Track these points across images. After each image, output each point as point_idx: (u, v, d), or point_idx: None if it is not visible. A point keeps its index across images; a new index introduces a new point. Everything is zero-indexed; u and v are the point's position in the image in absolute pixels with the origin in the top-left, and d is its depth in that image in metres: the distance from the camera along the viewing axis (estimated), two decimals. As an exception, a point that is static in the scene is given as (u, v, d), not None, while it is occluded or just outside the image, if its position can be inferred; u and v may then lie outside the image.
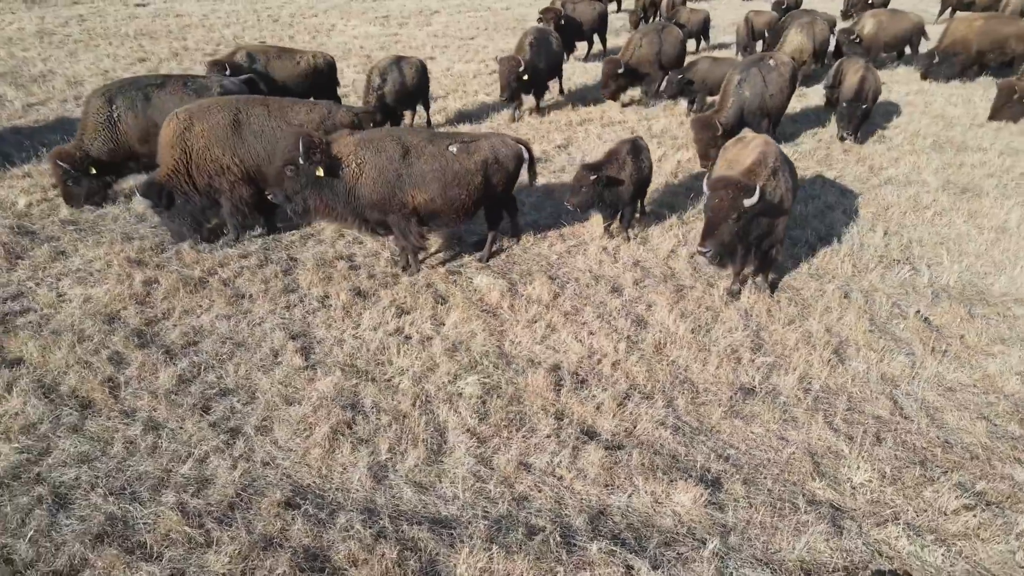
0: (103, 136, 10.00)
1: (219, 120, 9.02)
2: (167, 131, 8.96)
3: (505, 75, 14.02)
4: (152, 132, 9.97)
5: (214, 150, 8.98)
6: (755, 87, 12.28)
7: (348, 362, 7.14)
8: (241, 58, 13.01)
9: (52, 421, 6.24)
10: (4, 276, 8.55)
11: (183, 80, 10.53)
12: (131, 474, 5.73)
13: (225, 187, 9.11)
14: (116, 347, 7.26)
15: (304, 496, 5.54)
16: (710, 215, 7.06)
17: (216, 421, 6.34)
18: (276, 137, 9.20)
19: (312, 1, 33.92)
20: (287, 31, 25.89)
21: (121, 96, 10.05)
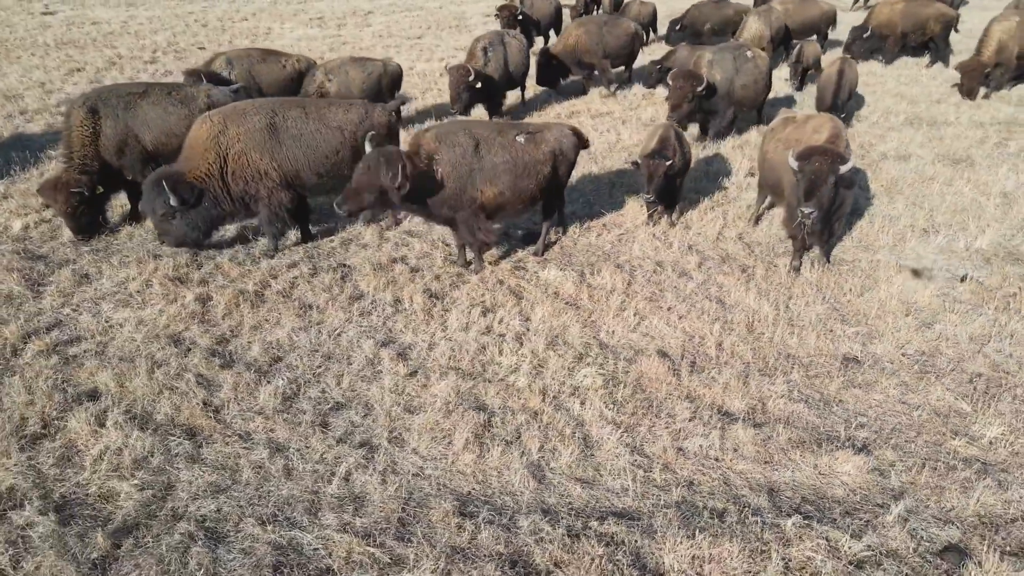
0: (91, 151, 9.20)
1: (255, 123, 8.54)
2: (199, 134, 8.42)
3: (454, 85, 12.92)
4: (130, 143, 9.35)
5: (251, 155, 8.49)
6: (726, 72, 12.39)
7: (452, 365, 6.90)
8: (220, 65, 12.27)
9: (163, 453, 5.74)
10: (32, 305, 7.81)
11: (168, 89, 9.85)
12: (276, 499, 5.34)
13: (263, 194, 8.62)
14: (198, 369, 6.76)
15: (472, 503, 5.31)
16: (811, 179, 7.23)
17: (341, 437, 5.99)
18: (316, 140, 8.79)
19: (237, 5, 32.64)
20: (222, 36, 24.79)
21: (103, 105, 9.29)
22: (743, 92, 12.58)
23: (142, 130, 9.41)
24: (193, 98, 9.88)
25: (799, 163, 7.36)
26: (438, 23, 28.00)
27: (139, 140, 9.42)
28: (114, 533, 4.95)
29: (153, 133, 9.48)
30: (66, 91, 16.84)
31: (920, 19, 19.73)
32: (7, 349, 6.99)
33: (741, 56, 12.59)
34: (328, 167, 8.89)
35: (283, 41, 23.87)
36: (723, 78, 12.33)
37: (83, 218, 9.12)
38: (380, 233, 9.62)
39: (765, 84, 13.01)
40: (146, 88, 9.72)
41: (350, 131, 8.96)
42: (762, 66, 12.78)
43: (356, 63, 13.12)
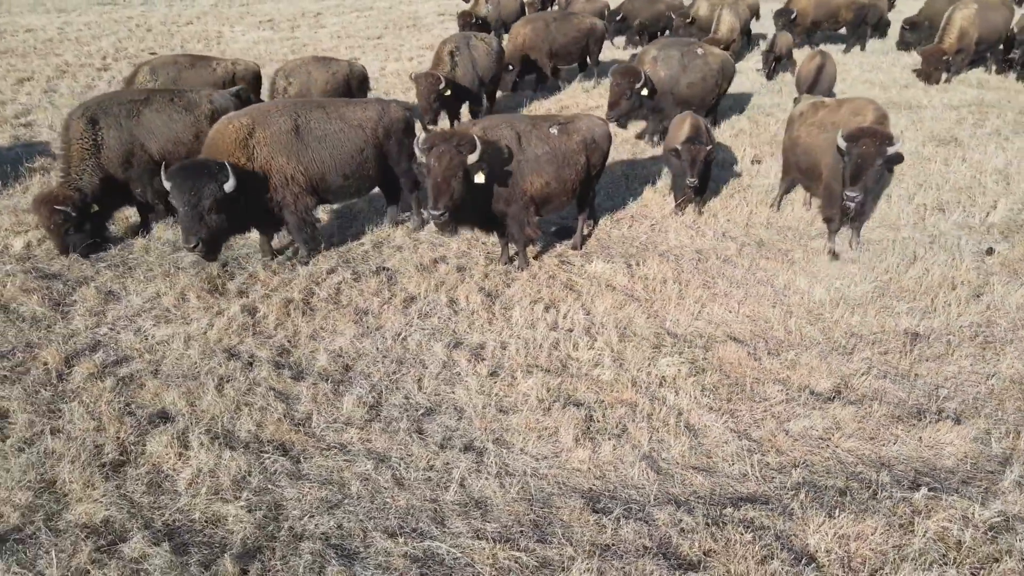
0: (90, 165, 8.64)
1: (281, 126, 8.21)
2: (224, 136, 8.01)
3: (424, 95, 12.48)
4: (136, 154, 8.87)
5: (279, 159, 8.15)
6: (671, 70, 11.90)
7: (531, 363, 6.78)
8: (144, 77, 11.23)
9: (261, 471, 5.45)
10: (63, 326, 7.31)
11: (170, 95, 9.36)
12: (396, 511, 5.13)
13: (289, 199, 8.27)
14: (269, 383, 6.45)
15: (599, 500, 5.22)
16: (858, 162, 7.36)
17: (442, 442, 5.81)
18: (340, 140, 8.51)
19: (177, 9, 31.47)
20: (171, 40, 23.88)
21: (104, 115, 8.75)
22: (690, 91, 12.00)
23: (148, 139, 8.95)
24: (197, 104, 9.44)
25: (847, 144, 7.49)
26: (394, 23, 27.62)
27: (145, 149, 8.95)
28: (239, 558, 4.66)
29: (159, 142, 9.02)
30: (20, 101, 15.92)
31: (832, 8, 20.55)
32: (51, 374, 6.52)
33: (690, 53, 12.02)
34: (353, 168, 8.62)
35: (237, 45, 23.15)
36: (668, 76, 11.80)
37: (70, 236, 8.49)
38: (409, 234, 9.38)
39: (715, 83, 12.35)
40: (147, 95, 9.23)
41: (371, 129, 8.72)
42: (712, 64, 12.19)
43: (319, 63, 12.58)
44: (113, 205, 9.19)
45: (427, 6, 32.23)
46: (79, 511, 5.04)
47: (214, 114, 9.37)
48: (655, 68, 11.84)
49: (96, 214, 8.75)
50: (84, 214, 8.51)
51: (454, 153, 7.02)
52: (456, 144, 7.09)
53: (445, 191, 7.07)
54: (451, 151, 7.03)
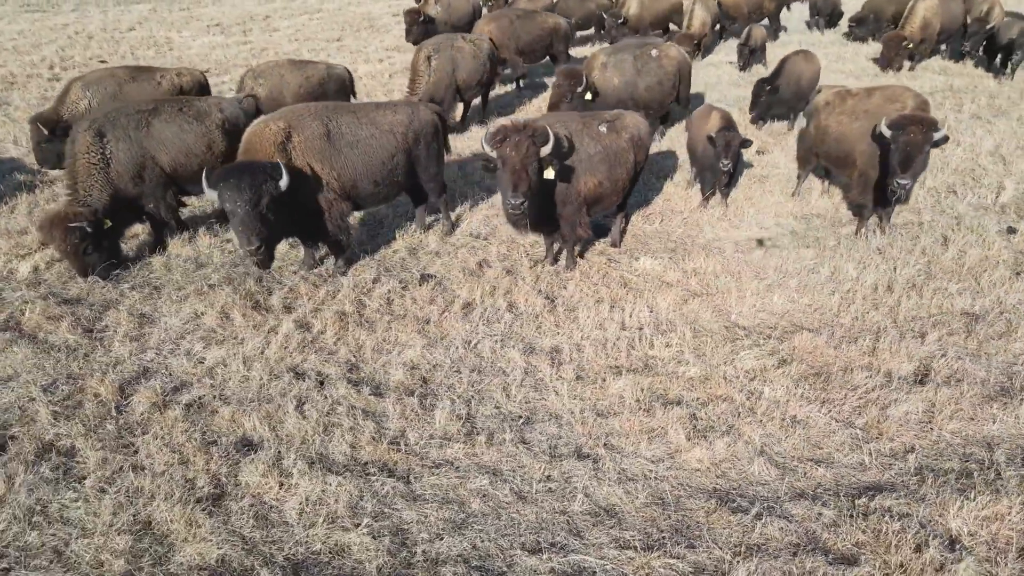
0: (99, 181, 8.09)
1: (315, 130, 7.85)
2: (263, 138, 7.58)
3: None
4: (148, 167, 8.35)
5: (315, 164, 7.80)
6: (624, 74, 11.32)
7: (612, 363, 6.66)
8: (76, 95, 10.03)
9: (372, 495, 5.16)
10: (103, 354, 6.81)
11: (178, 104, 8.83)
12: (527, 525, 4.93)
13: (324, 206, 7.92)
14: (349, 401, 6.14)
15: (729, 498, 5.13)
16: (907, 149, 7.46)
17: (551, 451, 5.63)
18: (371, 145, 8.17)
19: (113, 15, 30.02)
20: (118, 47, 22.76)
21: (112, 127, 8.19)
22: (648, 95, 11.43)
23: (159, 151, 8.41)
24: (207, 113, 8.91)
25: (894, 132, 7.58)
26: (350, 24, 27.02)
27: (156, 162, 8.42)
28: (383, 590, 4.39)
29: (171, 154, 8.48)
30: (-28, 115, 14.85)
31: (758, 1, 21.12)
32: (108, 406, 6.06)
33: (644, 56, 11.46)
34: (384, 174, 8.29)
35: (191, 51, 22.24)
36: (623, 82, 11.24)
37: (89, 256, 7.94)
38: (442, 239, 9.12)
39: (672, 86, 11.76)
40: (155, 105, 8.67)
41: (400, 133, 8.39)
42: (668, 67, 11.59)
43: (294, 66, 11.91)
44: (125, 222, 8.63)
45: (378, 7, 31.63)
46: (189, 552, 4.67)
47: (224, 123, 8.93)
48: (605, 74, 11.29)
49: (109, 231, 8.18)
50: (100, 231, 7.94)
51: (530, 143, 6.84)
52: (530, 134, 6.92)
53: (524, 178, 6.86)
54: (527, 140, 6.85)
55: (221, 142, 8.81)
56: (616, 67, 11.36)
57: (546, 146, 6.95)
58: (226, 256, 8.62)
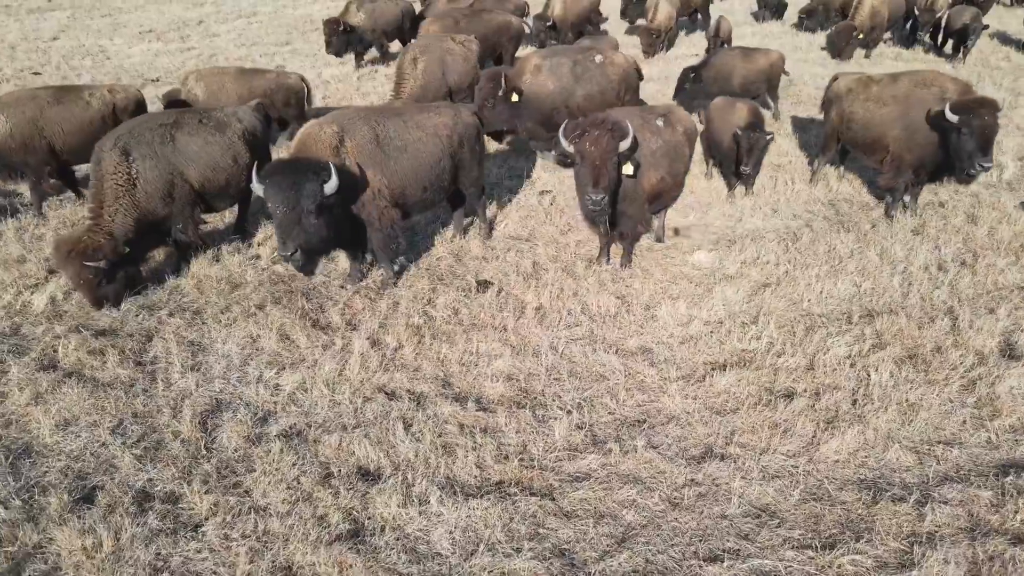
0: (124, 204, 7.38)
1: (366, 134, 7.46)
2: (318, 141, 7.17)
3: None
4: (177, 184, 7.72)
5: (367, 171, 7.39)
6: (561, 80, 10.36)
7: (709, 360, 6.57)
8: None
9: (523, 517, 4.90)
10: (164, 388, 6.27)
11: (198, 116, 8.17)
12: (691, 534, 4.77)
13: (374, 215, 7.50)
14: (457, 419, 5.84)
15: (879, 488, 5.10)
16: (985, 132, 7.64)
17: (683, 454, 5.49)
18: (419, 150, 7.84)
19: (29, 23, 28.08)
20: (49, 57, 21.29)
21: (137, 143, 7.49)
22: (587, 103, 10.25)
23: (187, 167, 7.79)
24: (227, 123, 8.29)
25: (962, 117, 7.69)
26: (295, 28, 26.14)
27: (185, 179, 7.81)
28: (578, 617, 4.14)
29: (198, 168, 7.87)
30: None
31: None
32: (194, 445, 5.57)
33: (584, 61, 10.49)
34: (432, 179, 7.97)
35: (132, 60, 21.02)
36: (558, 88, 10.24)
37: (102, 288, 7.28)
38: (483, 242, 8.84)
39: (616, 95, 10.66)
40: (175, 117, 8.02)
41: (446, 135, 8.07)
42: (612, 73, 10.55)
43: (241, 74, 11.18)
44: (145, 247, 7.96)
45: (316, 8, 30.69)
46: (351, 597, 4.29)
47: (245, 133, 8.38)
48: (538, 78, 10.28)
49: (127, 258, 7.50)
50: (117, 262, 7.28)
51: (609, 137, 6.68)
52: (609, 129, 6.76)
53: (604, 174, 6.74)
54: (606, 135, 6.71)
55: (245, 153, 8.26)
56: (551, 71, 10.33)
57: (624, 141, 6.80)
58: (261, 274, 8.09)
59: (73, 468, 5.37)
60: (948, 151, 7.98)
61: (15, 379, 6.27)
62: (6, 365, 6.51)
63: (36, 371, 6.40)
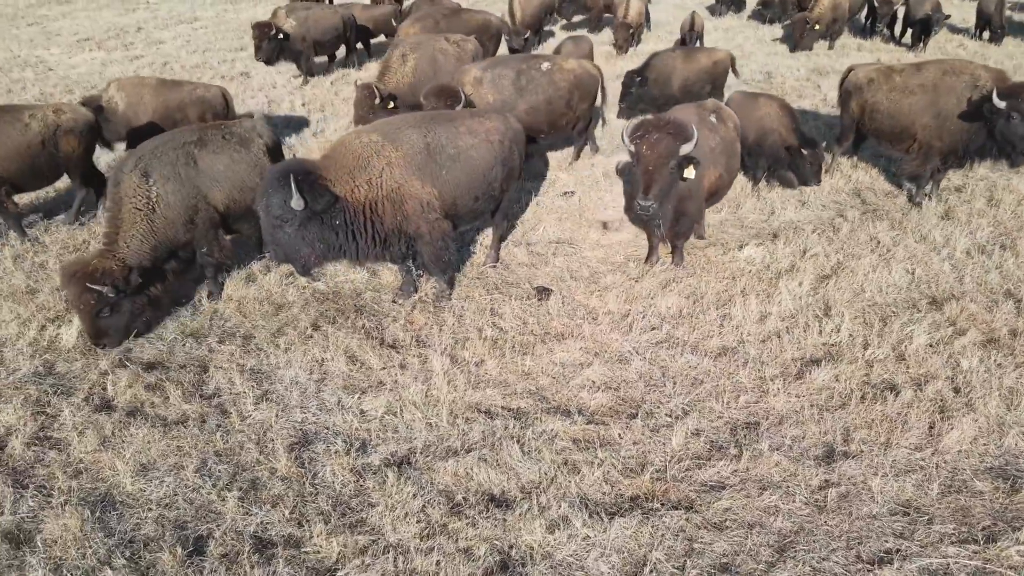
0: (142, 230, 6.81)
1: (415, 143, 7.03)
2: (347, 151, 6.73)
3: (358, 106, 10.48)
4: (201, 209, 7.15)
5: (413, 183, 7.01)
6: (502, 92, 9.70)
7: (800, 356, 6.51)
8: None
9: (671, 532, 4.72)
10: (239, 423, 5.84)
11: (220, 131, 7.54)
12: (851, 537, 4.68)
13: (424, 229, 7.07)
14: (569, 434, 5.61)
15: (1013, 476, 5.13)
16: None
17: (805, 453, 5.41)
18: (472, 157, 7.34)
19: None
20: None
21: (159, 164, 6.93)
22: (530, 117, 9.70)
23: (211, 188, 7.21)
24: (249, 138, 7.68)
25: (1010, 102, 7.78)
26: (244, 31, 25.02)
27: (209, 202, 7.22)
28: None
29: (224, 190, 7.30)
30: None
31: None
32: (297, 483, 5.19)
33: (529, 71, 9.83)
34: (485, 187, 7.54)
35: (77, 71, 19.84)
36: (499, 101, 9.56)
37: (104, 319, 6.61)
38: (526, 247, 8.61)
39: (567, 105, 10.11)
40: (199, 134, 7.40)
41: (498, 141, 7.62)
42: (561, 83, 9.94)
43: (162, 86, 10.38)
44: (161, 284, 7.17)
45: (257, 11, 29.64)
46: (527, 635, 4.03)
47: (267, 150, 7.75)
48: (480, 91, 9.62)
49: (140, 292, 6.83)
50: (126, 294, 6.65)
51: (669, 141, 6.54)
52: (671, 131, 6.61)
53: (656, 180, 6.57)
54: (666, 138, 6.56)
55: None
56: (493, 83, 9.66)
57: (687, 144, 6.66)
58: (303, 292, 7.67)
59: (168, 517, 4.91)
60: (990, 137, 8.14)
61: (70, 423, 5.73)
62: (54, 407, 5.96)
63: (92, 412, 5.88)
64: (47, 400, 6.03)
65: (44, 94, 16.76)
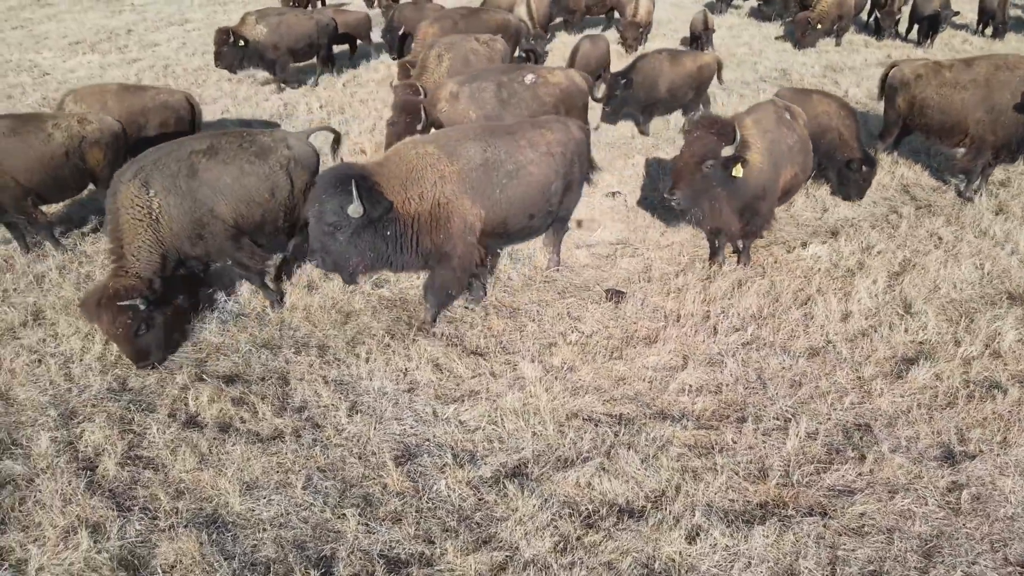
0: (147, 239, 6.42)
1: (473, 157, 6.59)
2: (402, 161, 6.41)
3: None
4: (207, 223, 6.68)
5: (463, 200, 6.52)
6: (483, 108, 9.04)
7: (887, 355, 6.46)
8: None
9: (812, 540, 4.63)
10: (336, 435, 5.65)
11: (238, 140, 7.04)
12: (996, 540, 4.63)
13: (458, 251, 6.54)
14: (680, 439, 5.50)
15: None
16: None
17: (924, 455, 5.34)
18: (530, 173, 6.86)
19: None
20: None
21: (160, 174, 6.49)
22: None
23: (217, 201, 6.71)
24: (271, 149, 7.12)
25: None
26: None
27: (215, 215, 6.73)
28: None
29: (231, 203, 6.80)
30: None
31: None
32: (414, 499, 5.02)
33: (512, 84, 9.21)
34: (541, 204, 7.03)
35: (75, 75, 19.31)
36: (480, 116, 9.00)
37: (143, 336, 6.27)
38: (587, 249, 8.48)
39: None
40: (209, 142, 6.91)
41: (559, 153, 7.15)
42: (547, 98, 9.30)
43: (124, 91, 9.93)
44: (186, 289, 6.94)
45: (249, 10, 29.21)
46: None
47: (290, 162, 7.20)
48: (456, 107, 9.01)
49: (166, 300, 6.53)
50: (156, 304, 6.33)
51: (705, 142, 6.63)
52: (715, 132, 6.64)
53: (684, 176, 6.71)
54: (705, 139, 6.65)
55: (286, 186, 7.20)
56: (472, 98, 8.98)
57: (729, 146, 6.61)
58: (369, 299, 7.48)
59: (285, 537, 4.72)
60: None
61: (160, 440, 5.51)
62: (138, 424, 5.73)
63: (181, 429, 5.64)
64: (130, 417, 5.79)
65: (46, 99, 16.31)
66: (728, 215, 7.26)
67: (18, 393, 6.10)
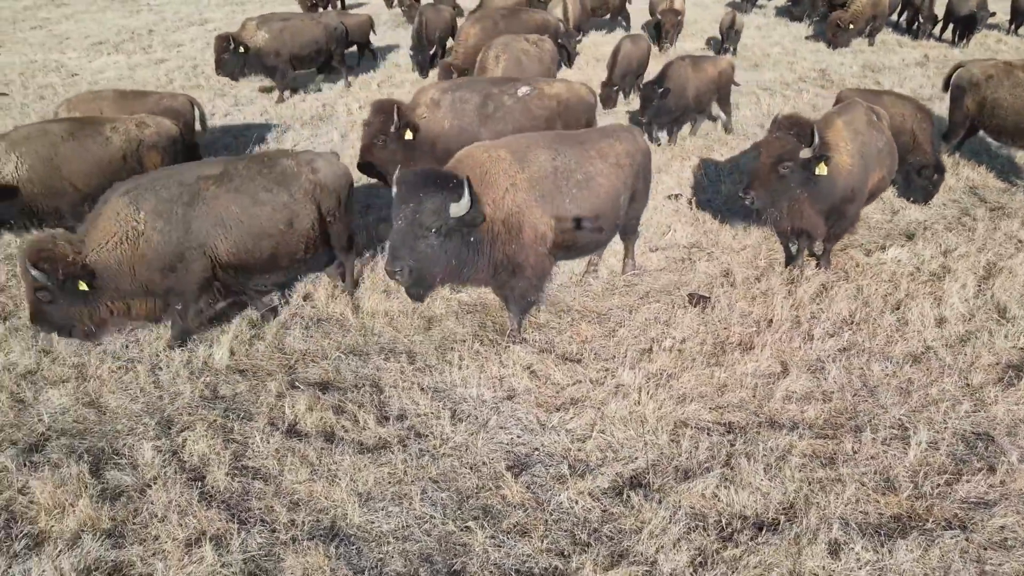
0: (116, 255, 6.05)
1: (544, 164, 6.39)
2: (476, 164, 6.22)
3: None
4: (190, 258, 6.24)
5: (533, 211, 6.28)
6: (462, 119, 8.51)
7: (992, 361, 6.35)
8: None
9: (955, 555, 4.51)
10: (441, 444, 5.54)
11: (257, 165, 6.63)
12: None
13: (531, 261, 6.33)
14: (799, 449, 5.38)
15: None
16: None
17: None
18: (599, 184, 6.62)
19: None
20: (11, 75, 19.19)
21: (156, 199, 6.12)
22: None
23: (214, 236, 6.28)
24: (293, 175, 6.69)
25: None
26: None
27: (204, 251, 6.26)
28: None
29: (233, 236, 6.37)
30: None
31: None
32: (537, 511, 4.90)
33: (500, 95, 8.66)
34: (610, 215, 6.85)
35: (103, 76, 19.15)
36: (456, 128, 8.47)
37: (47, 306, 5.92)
38: (661, 253, 8.36)
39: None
40: (223, 167, 6.50)
41: (627, 164, 6.96)
42: (538, 112, 8.68)
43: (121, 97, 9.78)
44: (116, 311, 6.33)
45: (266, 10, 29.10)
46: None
47: (316, 188, 6.77)
48: (436, 114, 8.48)
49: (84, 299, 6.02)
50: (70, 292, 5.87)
51: (787, 141, 6.64)
52: (794, 132, 6.63)
53: (762, 178, 6.73)
54: (784, 139, 6.67)
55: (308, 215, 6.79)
56: (452, 107, 8.49)
57: (807, 149, 6.51)
58: (450, 303, 7.38)
59: (410, 551, 4.60)
60: None
61: (264, 451, 5.39)
62: (239, 433, 5.61)
63: (284, 439, 5.51)
64: (230, 426, 5.67)
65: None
66: (812, 217, 7.16)
67: (109, 401, 5.98)
